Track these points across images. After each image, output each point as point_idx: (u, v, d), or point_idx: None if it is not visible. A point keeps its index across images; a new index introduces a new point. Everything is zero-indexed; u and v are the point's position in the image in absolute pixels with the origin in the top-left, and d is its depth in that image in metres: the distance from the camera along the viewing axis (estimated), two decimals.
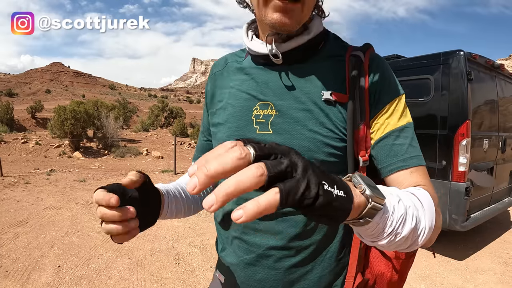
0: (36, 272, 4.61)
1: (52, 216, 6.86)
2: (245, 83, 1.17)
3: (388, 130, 1.05)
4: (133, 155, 21.05)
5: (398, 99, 1.08)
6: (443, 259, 5.36)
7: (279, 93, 1.10)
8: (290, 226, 1.07)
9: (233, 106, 1.17)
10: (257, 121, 1.11)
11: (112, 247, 5.51)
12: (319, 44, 1.11)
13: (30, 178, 11.17)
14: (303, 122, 1.05)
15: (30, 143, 21.89)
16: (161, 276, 4.72)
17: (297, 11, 0.97)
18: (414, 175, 1.03)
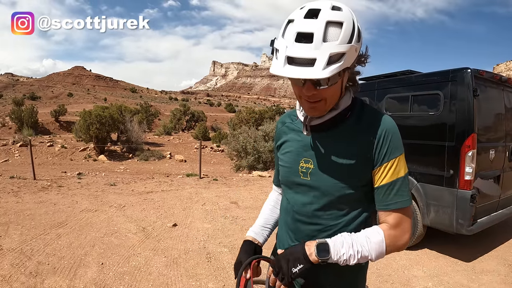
0: (82, 268, 5.04)
1: (89, 218, 7.32)
2: (295, 141, 1.71)
3: (384, 182, 1.53)
4: (156, 158, 21.52)
5: (397, 159, 1.55)
6: (451, 260, 5.66)
7: (317, 153, 1.60)
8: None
9: (288, 157, 1.73)
10: (302, 171, 1.64)
11: (149, 247, 5.92)
12: (346, 114, 1.57)
13: (62, 181, 11.68)
14: (333, 174, 1.56)
15: (56, 147, 22.49)
16: (195, 273, 5.12)
17: (321, 106, 1.47)
18: (389, 215, 1.55)
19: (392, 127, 1.53)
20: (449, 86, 5.40)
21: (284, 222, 1.80)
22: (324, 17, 1.28)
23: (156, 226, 7.02)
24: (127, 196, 9.52)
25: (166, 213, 7.92)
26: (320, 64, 1.25)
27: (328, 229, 1.60)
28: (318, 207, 1.60)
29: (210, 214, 7.91)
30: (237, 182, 12.44)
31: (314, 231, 1.63)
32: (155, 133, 36.94)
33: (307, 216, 1.64)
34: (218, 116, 77.50)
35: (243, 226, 7.16)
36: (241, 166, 17.58)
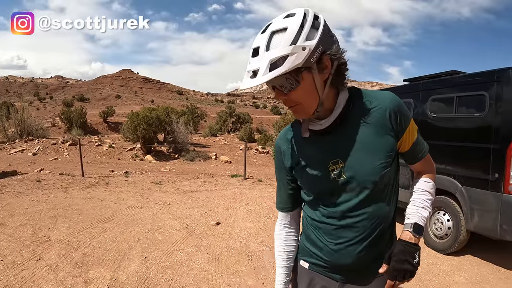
0: (126, 261, 5.14)
1: (135, 214, 7.46)
2: (314, 150, 1.72)
3: (411, 143, 1.69)
4: (202, 159, 21.70)
5: (410, 122, 1.67)
6: (494, 268, 5.44)
7: (341, 150, 1.63)
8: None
9: (313, 168, 1.74)
10: (334, 173, 1.63)
11: (192, 243, 5.99)
12: (349, 106, 1.61)
13: (109, 179, 11.97)
14: (365, 161, 1.59)
15: (104, 146, 23.03)
16: (236, 269, 5.13)
17: (300, 109, 1.54)
18: (423, 163, 1.79)
19: (395, 99, 1.62)
20: (494, 86, 5.19)
21: (321, 228, 1.74)
22: (270, 29, 1.41)
23: (199, 223, 7.08)
24: (172, 195, 9.65)
25: (210, 212, 7.97)
26: (261, 71, 1.37)
27: (374, 215, 1.62)
28: (361, 198, 1.60)
29: (253, 214, 7.91)
30: None
31: (360, 221, 1.62)
32: (201, 134, 37.31)
33: (351, 212, 1.63)
34: (263, 118, 77.72)
35: None
36: None
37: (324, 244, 1.73)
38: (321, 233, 1.73)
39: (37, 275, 4.51)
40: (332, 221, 1.67)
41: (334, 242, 1.68)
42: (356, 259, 1.65)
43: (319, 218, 1.73)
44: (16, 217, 6.75)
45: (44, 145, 22.30)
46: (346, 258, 1.66)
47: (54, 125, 43.92)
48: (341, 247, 1.66)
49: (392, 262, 1.57)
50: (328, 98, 1.55)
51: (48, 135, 27.91)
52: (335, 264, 1.71)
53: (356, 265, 1.67)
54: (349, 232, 1.64)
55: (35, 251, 5.24)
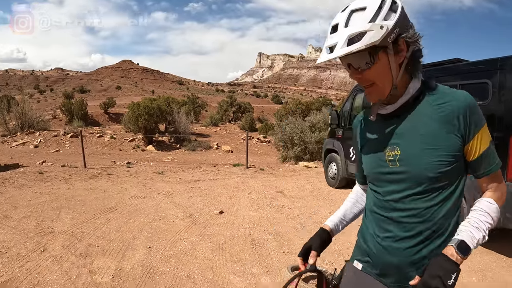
0: (130, 251, 5.16)
1: (138, 204, 7.47)
2: (376, 133, 1.74)
3: (479, 153, 1.57)
4: (203, 149, 21.74)
5: (483, 129, 1.57)
6: (497, 256, 5.43)
7: (402, 139, 1.61)
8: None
9: (372, 149, 1.76)
10: (389, 159, 1.63)
11: (195, 232, 6.01)
12: (419, 96, 1.61)
13: (111, 170, 11.98)
14: (421, 155, 1.55)
15: (105, 137, 23.08)
16: (240, 258, 5.14)
17: (374, 90, 1.57)
18: (490, 180, 1.67)
19: (471, 100, 1.56)
20: (497, 74, 5.14)
21: (371, 219, 1.78)
22: (350, 8, 1.47)
23: (202, 213, 7.09)
24: (175, 184, 9.66)
25: (213, 201, 7.98)
26: (338, 46, 1.43)
27: (421, 213, 1.58)
28: (410, 192, 1.58)
29: (256, 203, 7.92)
30: (284, 172, 12.42)
31: (407, 217, 1.60)
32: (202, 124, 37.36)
33: (399, 204, 1.63)
34: (264, 108, 77.61)
35: (288, 215, 7.13)
36: (287, 157, 17.55)
37: (373, 238, 1.74)
38: (372, 225, 1.76)
39: (42, 267, 4.52)
40: (381, 211, 1.69)
41: (381, 235, 1.69)
42: (403, 259, 1.63)
43: (371, 207, 1.77)
44: (19, 209, 6.76)
45: (45, 137, 22.35)
46: (391, 256, 1.65)
47: (55, 117, 43.94)
48: (386, 242, 1.66)
49: (424, 276, 1.46)
50: (400, 82, 1.57)
51: (49, 127, 27.95)
52: (384, 263, 1.70)
53: (404, 266, 1.64)
54: (396, 227, 1.64)
55: (39, 243, 5.25)
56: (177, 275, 4.59)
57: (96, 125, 40.22)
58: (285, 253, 5.40)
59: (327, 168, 9.72)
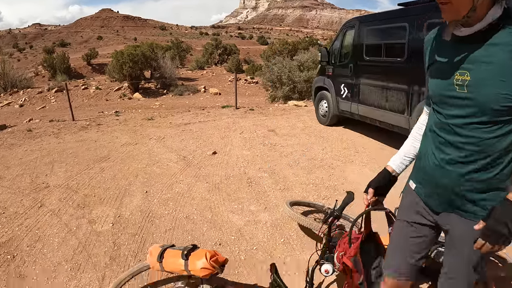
0: (127, 197, 5.18)
1: (130, 151, 7.43)
2: (448, 55, 1.67)
3: None
4: (191, 92, 21.56)
5: None
6: None
7: (473, 64, 1.55)
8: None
9: (441, 71, 1.71)
10: (457, 84, 1.60)
11: (190, 174, 6.03)
12: (498, 24, 1.50)
13: (100, 120, 11.83)
14: (491, 85, 1.49)
15: (91, 89, 22.76)
16: (237, 196, 5.19)
17: (449, 8, 1.51)
18: None
19: None
20: None
21: (430, 138, 1.80)
22: None
23: (196, 154, 7.09)
24: (166, 129, 9.60)
25: (205, 142, 7.97)
26: None
27: (480, 143, 1.57)
28: (472, 120, 1.57)
29: (248, 142, 7.92)
30: (274, 111, 12.35)
31: (465, 144, 1.60)
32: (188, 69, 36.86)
33: (459, 129, 1.62)
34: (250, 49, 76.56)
35: (281, 152, 7.14)
36: (276, 97, 17.47)
37: (430, 157, 1.76)
38: (430, 144, 1.77)
39: (41, 222, 4.52)
40: (442, 133, 1.69)
41: (437, 155, 1.71)
42: (455, 182, 1.65)
43: (432, 128, 1.76)
44: (11, 168, 6.69)
45: (29, 95, 22.00)
46: (445, 177, 1.68)
47: (38, 74, 43.11)
48: (443, 164, 1.68)
49: (489, 220, 1.48)
50: (481, 6, 1.48)
51: (33, 84, 27.46)
52: (434, 182, 1.74)
53: (455, 190, 1.66)
54: (455, 151, 1.64)
55: (36, 199, 5.23)
56: (176, 217, 4.63)
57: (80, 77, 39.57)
58: (281, 190, 5.43)
59: (317, 106, 9.65)
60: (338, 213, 2.97)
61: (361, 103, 7.55)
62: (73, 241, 4.11)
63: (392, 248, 2.07)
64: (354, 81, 7.74)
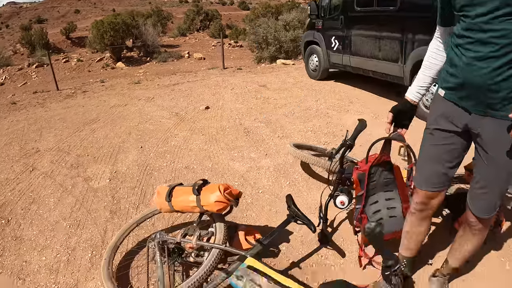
0: (122, 154, 5.03)
1: (120, 111, 7.23)
2: None
3: None
4: (175, 59, 21.22)
5: None
6: None
7: None
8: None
9: None
10: None
11: (185, 128, 5.90)
12: None
13: (85, 87, 11.49)
14: None
15: (72, 62, 22.27)
16: (235, 145, 5.09)
17: None
18: None
19: None
20: None
21: (459, 43, 1.77)
22: None
23: (188, 110, 6.94)
24: (154, 90, 9.35)
25: (196, 99, 7.78)
26: None
27: (510, 34, 1.53)
28: (498, 13, 1.54)
29: (240, 97, 7.77)
30: (262, 70, 12.17)
31: (495, 38, 1.58)
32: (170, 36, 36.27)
33: (487, 25, 1.59)
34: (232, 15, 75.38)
35: (275, 104, 7.03)
36: (262, 58, 17.26)
37: (459, 59, 1.75)
38: (459, 49, 1.75)
39: (34, 185, 4.36)
40: (470, 33, 1.67)
41: (467, 55, 1.70)
42: (488, 78, 1.62)
43: (459, 32, 1.74)
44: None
45: (9, 73, 21.43)
46: (478, 75, 1.66)
47: (16, 52, 42.02)
48: (474, 62, 1.66)
49: None
50: None
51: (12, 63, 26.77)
52: (466, 83, 1.74)
53: (488, 87, 1.65)
54: (485, 47, 1.61)
55: (27, 164, 5.03)
56: (175, 168, 4.52)
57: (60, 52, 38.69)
58: (280, 137, 5.34)
59: (307, 61, 9.46)
60: (350, 142, 2.89)
61: (353, 55, 7.39)
62: (70, 199, 3.98)
63: (423, 159, 2.10)
64: (345, 33, 7.55)
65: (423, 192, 2.10)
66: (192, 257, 2.60)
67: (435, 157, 2.02)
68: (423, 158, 2.10)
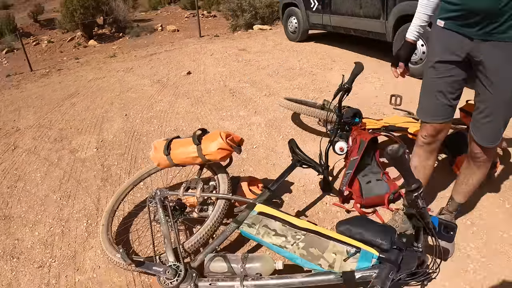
0: (107, 123, 4.89)
1: (99, 84, 7.01)
2: None
3: None
4: (148, 32, 20.83)
5: None
6: None
7: None
8: None
9: None
10: None
11: (169, 93, 5.77)
12: None
13: (60, 65, 11.18)
14: None
15: (43, 44, 21.72)
16: (223, 106, 5.00)
17: None
18: None
19: None
20: None
21: None
22: None
23: (170, 77, 6.77)
24: (132, 61, 9.09)
25: (177, 66, 7.58)
26: None
27: None
28: None
29: (222, 61, 7.61)
30: (239, 36, 11.97)
31: None
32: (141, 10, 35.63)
33: None
34: None
35: (258, 66, 6.90)
36: (237, 26, 16.98)
37: None
38: None
39: (18, 162, 4.22)
40: None
41: None
42: (493, 2, 1.61)
43: None
44: None
45: None
46: (479, 1, 1.65)
47: None
48: None
49: None
50: None
51: None
52: (471, 9, 1.71)
53: (493, 9, 1.63)
54: None
55: (8, 143, 4.84)
56: (164, 131, 4.44)
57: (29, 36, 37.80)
58: (267, 96, 5.27)
59: (286, 24, 9.26)
60: (348, 85, 2.83)
61: (333, 14, 7.23)
62: (57, 172, 3.86)
63: (427, 93, 2.13)
64: None
65: (431, 125, 2.15)
66: (195, 212, 2.51)
67: (439, 90, 2.04)
68: (427, 92, 2.13)
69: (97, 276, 2.51)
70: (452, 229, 1.66)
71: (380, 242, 1.68)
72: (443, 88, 2.02)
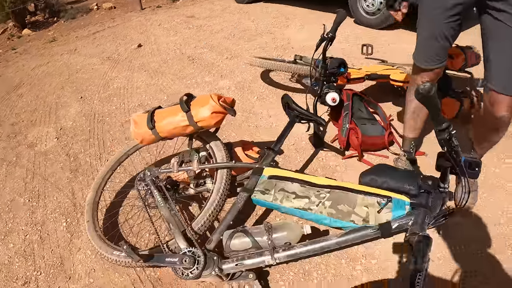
0: (62, 109, 4.49)
1: (45, 70, 6.49)
2: None
3: None
4: (84, 13, 19.80)
5: None
6: None
7: None
8: None
9: None
10: None
11: (123, 69, 5.40)
12: None
13: None
14: None
15: None
16: (185, 74, 4.74)
17: None
18: None
19: None
20: None
21: None
22: None
23: (120, 52, 6.34)
24: (74, 42, 8.52)
25: (124, 41, 7.11)
26: None
27: None
28: None
29: (171, 29, 7.22)
30: (183, 4, 11.41)
31: None
32: None
33: None
34: None
35: (211, 31, 6.60)
36: None
37: None
38: None
39: None
40: None
41: None
42: None
43: None
44: None
45: None
46: None
47: None
48: None
49: None
50: None
51: None
52: None
53: None
54: None
55: None
56: (127, 108, 4.13)
57: None
58: (229, 58, 5.06)
59: None
60: (332, 34, 2.62)
61: None
62: (19, 171, 3.47)
63: (427, 37, 2.03)
64: None
65: (433, 70, 2.10)
66: (191, 188, 2.24)
67: (444, 33, 1.95)
68: (427, 36, 2.03)
69: (95, 281, 2.23)
70: (477, 165, 1.54)
71: (408, 188, 1.61)
72: (448, 31, 1.94)
